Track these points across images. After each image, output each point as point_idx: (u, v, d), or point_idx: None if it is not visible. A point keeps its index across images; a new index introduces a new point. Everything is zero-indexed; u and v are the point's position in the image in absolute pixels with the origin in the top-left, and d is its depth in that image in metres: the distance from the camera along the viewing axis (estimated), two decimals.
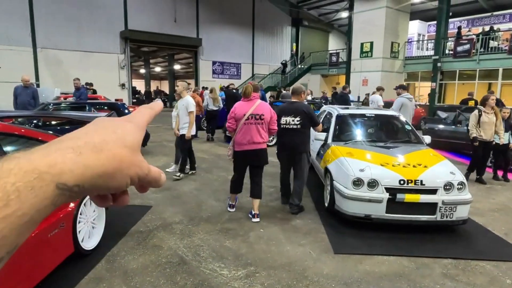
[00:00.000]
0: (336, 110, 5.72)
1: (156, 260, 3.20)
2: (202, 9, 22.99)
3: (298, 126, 4.37)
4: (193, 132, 6.11)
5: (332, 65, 24.27)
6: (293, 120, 4.38)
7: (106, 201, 0.42)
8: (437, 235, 3.86)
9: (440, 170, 4.03)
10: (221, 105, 11.18)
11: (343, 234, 3.87)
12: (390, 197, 3.80)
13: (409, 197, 3.79)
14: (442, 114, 9.74)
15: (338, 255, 3.38)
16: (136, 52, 30.48)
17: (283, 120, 4.43)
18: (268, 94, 18.73)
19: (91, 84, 13.80)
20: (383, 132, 5.45)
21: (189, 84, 6.89)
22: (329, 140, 5.13)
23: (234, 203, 4.58)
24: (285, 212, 4.52)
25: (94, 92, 13.57)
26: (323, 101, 15.24)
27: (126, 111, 8.09)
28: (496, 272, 3.12)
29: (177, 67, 36.86)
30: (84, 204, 3.19)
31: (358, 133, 5.35)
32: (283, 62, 24.88)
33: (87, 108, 7.20)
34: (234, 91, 13.02)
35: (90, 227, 3.33)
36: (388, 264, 3.22)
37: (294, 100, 4.54)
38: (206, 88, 15.55)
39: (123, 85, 20.10)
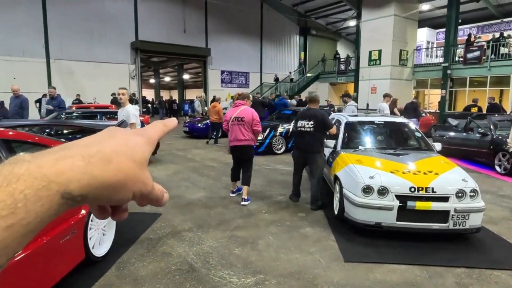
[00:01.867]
0: (345, 117, 5.70)
1: (166, 267, 3.21)
2: (210, 20, 23.33)
3: (312, 129, 4.94)
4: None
5: (340, 73, 24.28)
6: (307, 124, 4.96)
7: (105, 213, 0.41)
8: (449, 244, 3.79)
9: (451, 177, 3.97)
10: None
11: (353, 242, 3.83)
12: (400, 204, 3.75)
13: (420, 205, 3.74)
14: (453, 121, 9.62)
15: (348, 263, 3.34)
16: (146, 62, 31.01)
17: (300, 123, 5.08)
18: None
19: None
20: (392, 139, 5.42)
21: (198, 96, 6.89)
22: (338, 148, 5.11)
23: (234, 190, 5.52)
24: (294, 220, 4.50)
25: (80, 102, 14.13)
26: (332, 109, 15.24)
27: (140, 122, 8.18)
28: None
29: (186, 76, 37.37)
30: None
31: (368, 140, 5.33)
32: (277, 76, 25.01)
33: (98, 117, 7.31)
34: (260, 99, 13.26)
35: (101, 234, 3.36)
36: (399, 273, 3.17)
37: (311, 107, 5.15)
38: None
39: (133, 95, 20.35)
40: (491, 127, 8.07)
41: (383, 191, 3.82)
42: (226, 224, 4.32)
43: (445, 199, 3.77)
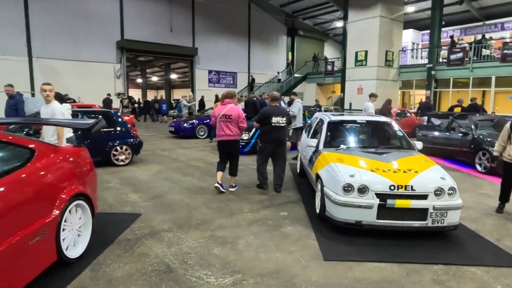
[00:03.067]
0: (328, 116, 5.72)
1: (142, 268, 3.14)
2: (198, 19, 23.21)
3: (284, 124, 5.68)
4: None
5: (327, 74, 24.46)
6: (281, 120, 5.60)
7: None
8: (428, 241, 3.82)
9: (430, 176, 4.01)
10: None
11: (334, 240, 3.82)
12: (380, 203, 3.76)
13: (399, 203, 3.76)
14: (436, 121, 9.77)
15: (327, 262, 3.32)
16: (133, 61, 30.61)
17: (274, 120, 5.57)
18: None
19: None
20: (374, 138, 5.45)
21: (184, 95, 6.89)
22: (321, 147, 5.11)
23: (220, 182, 5.67)
24: (275, 219, 4.48)
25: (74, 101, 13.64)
26: (317, 109, 15.32)
27: (120, 120, 8.04)
28: (487, 278, 3.08)
29: (173, 76, 37.09)
30: (69, 211, 3.14)
31: (350, 139, 5.35)
32: (252, 77, 25.01)
33: (79, 116, 7.16)
34: (254, 99, 13.27)
35: (76, 235, 3.27)
36: (378, 271, 3.18)
37: (276, 105, 5.85)
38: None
39: (118, 94, 20.07)
40: (472, 127, 8.21)
41: (363, 190, 3.83)
42: (207, 224, 4.27)
43: (424, 197, 3.80)
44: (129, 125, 8.20)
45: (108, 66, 20.15)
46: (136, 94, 34.47)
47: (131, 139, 7.83)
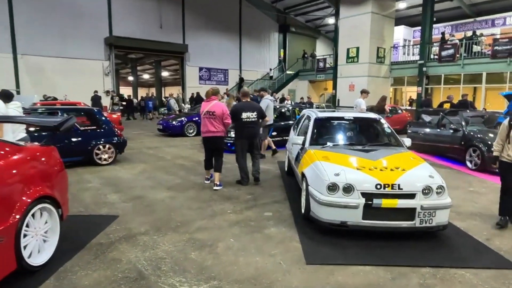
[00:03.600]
0: (314, 113, 5.55)
1: (112, 275, 2.94)
2: (188, 15, 22.88)
3: (255, 119, 5.83)
4: None
5: (319, 70, 24.31)
6: (252, 115, 5.78)
7: None
8: (416, 242, 3.67)
9: (418, 174, 3.85)
10: None
11: (318, 242, 3.66)
12: (366, 202, 3.61)
13: (386, 202, 3.60)
14: (426, 118, 9.66)
15: (310, 265, 3.15)
16: (123, 59, 30.16)
17: (244, 115, 5.74)
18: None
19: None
20: (362, 135, 5.29)
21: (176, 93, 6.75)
22: (307, 144, 4.94)
23: (209, 177, 5.97)
24: (259, 220, 4.30)
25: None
26: (308, 106, 15.21)
27: (104, 118, 7.78)
28: (476, 281, 2.94)
29: (165, 74, 36.69)
30: (33, 216, 2.92)
31: (337, 136, 5.19)
32: (241, 77, 24.72)
33: (60, 113, 6.89)
34: (255, 95, 13.24)
35: (41, 240, 3.05)
36: (362, 275, 3.01)
37: (247, 100, 6.04)
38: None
39: (107, 92, 19.72)
40: (463, 123, 8.11)
41: (348, 189, 3.67)
42: (186, 226, 4.07)
43: (411, 196, 3.65)
44: (113, 124, 7.94)
45: (96, 63, 19.74)
46: (127, 91, 34.10)
47: (115, 138, 7.58)
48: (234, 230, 3.95)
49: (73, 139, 7.06)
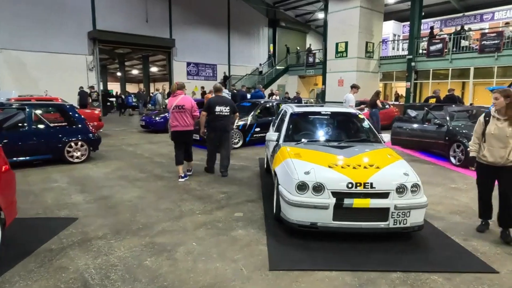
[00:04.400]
0: (291, 108, 5.31)
1: (54, 286, 2.68)
2: (175, 9, 22.42)
3: (228, 113, 6.05)
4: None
5: (309, 66, 24.09)
6: (225, 109, 6.01)
7: None
8: (389, 244, 3.47)
9: (393, 171, 3.65)
10: None
11: (286, 245, 3.44)
12: (337, 202, 3.39)
13: (358, 202, 3.39)
14: (412, 113, 9.51)
15: (273, 271, 2.93)
16: (110, 54, 29.60)
17: (218, 109, 5.96)
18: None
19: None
20: (339, 131, 5.06)
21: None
22: (281, 141, 4.71)
23: (183, 175, 5.87)
24: (228, 221, 4.06)
25: None
26: (296, 102, 14.97)
27: (77, 114, 7.43)
28: (448, 286, 2.74)
29: (154, 69, 36.15)
30: None
31: (312, 132, 4.97)
32: (225, 74, 24.32)
33: (27, 109, 6.56)
34: (234, 91, 13.18)
35: None
36: (328, 282, 2.80)
37: (220, 95, 6.27)
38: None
39: (91, 88, 19.24)
40: (447, 118, 7.96)
41: (318, 188, 3.45)
42: (149, 228, 3.82)
43: (385, 195, 3.44)
44: (86, 120, 7.61)
45: (80, 58, 19.23)
46: (116, 87, 33.49)
47: (88, 134, 7.26)
48: (199, 233, 3.71)
49: (42, 136, 6.73)
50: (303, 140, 4.62)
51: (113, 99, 23.19)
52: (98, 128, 11.24)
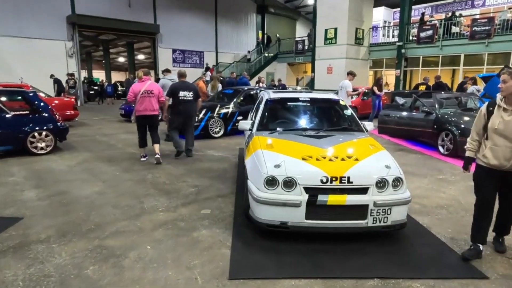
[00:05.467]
0: (267, 94, 4.88)
1: None
2: None
3: (192, 98, 6.33)
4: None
5: (298, 53, 23.54)
6: (188, 94, 6.28)
7: None
8: (368, 245, 3.11)
9: (373, 164, 3.26)
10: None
11: (253, 249, 3.05)
12: (310, 199, 3.00)
13: (333, 199, 3.01)
14: (400, 100, 9.15)
15: (232, 281, 2.55)
16: (94, 40, 28.58)
17: (182, 94, 6.23)
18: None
19: None
20: (317, 119, 4.64)
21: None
22: (254, 130, 4.29)
23: (145, 155, 6.27)
24: (192, 220, 3.66)
25: None
26: (280, 89, 14.54)
27: (41, 103, 6.86)
28: None
29: (141, 57, 35.17)
30: None
31: (289, 120, 4.54)
32: (207, 65, 23.46)
33: None
34: (221, 78, 13.67)
35: None
36: None
37: (184, 80, 6.49)
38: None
39: (71, 75, 18.46)
40: (436, 105, 7.62)
41: (289, 183, 3.05)
42: (101, 229, 3.40)
43: (363, 190, 3.06)
44: (52, 108, 7.07)
45: (59, 43, 18.35)
46: (101, 75, 32.46)
47: (54, 124, 6.73)
48: (157, 234, 3.30)
49: (1, 126, 6.19)
50: (278, 129, 4.20)
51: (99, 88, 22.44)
52: (73, 117, 10.70)
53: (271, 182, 3.08)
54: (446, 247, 3.14)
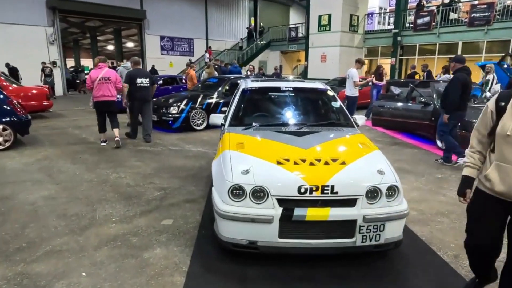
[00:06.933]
0: (245, 83, 4.25)
1: None
2: None
3: (148, 84, 6.61)
4: None
5: (291, 40, 22.78)
6: (145, 81, 6.55)
7: None
8: (354, 268, 2.55)
9: (363, 168, 2.67)
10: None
11: (214, 275, 2.47)
12: (284, 213, 2.42)
13: (312, 213, 2.43)
14: (396, 90, 8.54)
15: None
16: (80, 27, 27.44)
17: (139, 80, 6.47)
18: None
19: None
20: (301, 112, 4.01)
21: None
22: (226, 125, 3.68)
23: (104, 139, 6.48)
24: (148, 234, 3.06)
25: None
26: (275, 77, 13.86)
27: (1, 96, 6.15)
28: None
29: (130, 44, 34.03)
30: None
31: (267, 114, 3.93)
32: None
33: None
34: (216, 66, 13.47)
35: None
36: None
37: (139, 68, 6.95)
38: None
39: (54, 63, 17.59)
40: (434, 96, 7.04)
41: (259, 194, 2.46)
42: (32, 248, 2.79)
43: (350, 202, 2.48)
44: (10, 98, 6.37)
45: (38, 29, 17.37)
46: (90, 64, 31.33)
47: (12, 117, 6.05)
48: (100, 255, 2.70)
49: None
50: (254, 124, 3.58)
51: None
52: (46, 107, 10.00)
53: (236, 192, 2.49)
54: (450, 270, 2.59)
